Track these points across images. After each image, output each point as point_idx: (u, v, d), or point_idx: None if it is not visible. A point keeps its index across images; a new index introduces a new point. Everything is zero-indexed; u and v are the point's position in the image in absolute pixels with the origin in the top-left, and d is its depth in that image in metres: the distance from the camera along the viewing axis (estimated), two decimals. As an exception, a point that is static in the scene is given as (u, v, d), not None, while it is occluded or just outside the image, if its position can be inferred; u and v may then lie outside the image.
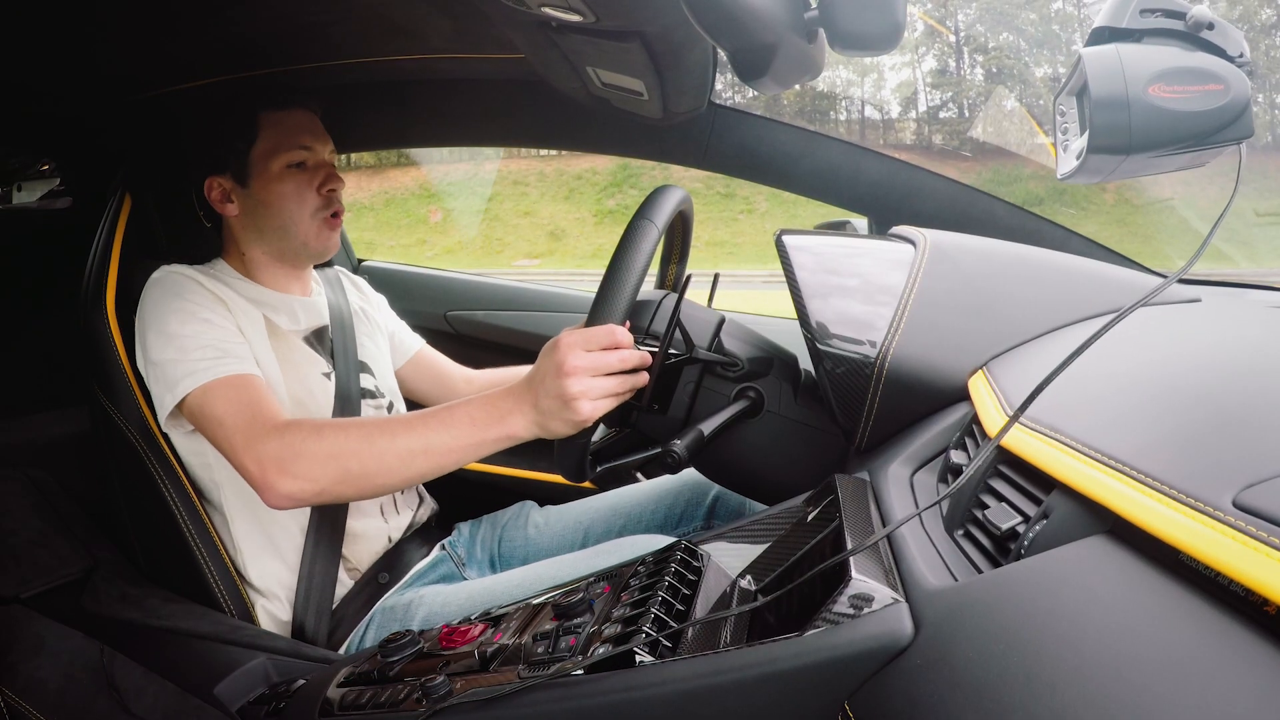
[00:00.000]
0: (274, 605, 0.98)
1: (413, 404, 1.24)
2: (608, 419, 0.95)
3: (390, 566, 1.04)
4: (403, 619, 0.95)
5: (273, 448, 0.82)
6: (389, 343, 1.24)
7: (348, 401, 1.04)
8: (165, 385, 0.90)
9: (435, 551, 1.09)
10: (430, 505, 1.17)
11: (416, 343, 1.30)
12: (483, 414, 0.81)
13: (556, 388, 0.77)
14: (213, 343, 0.90)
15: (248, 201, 1.02)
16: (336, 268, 1.25)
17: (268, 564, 0.98)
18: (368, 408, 1.08)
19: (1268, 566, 0.31)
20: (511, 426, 0.80)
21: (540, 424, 0.79)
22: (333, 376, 1.04)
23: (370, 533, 1.03)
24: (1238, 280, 0.93)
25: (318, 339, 1.07)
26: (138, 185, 1.06)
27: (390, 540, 1.05)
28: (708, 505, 1.10)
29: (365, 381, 1.10)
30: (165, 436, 1.00)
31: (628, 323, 0.80)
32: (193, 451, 0.98)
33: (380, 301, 1.28)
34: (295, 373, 1.00)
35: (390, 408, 1.15)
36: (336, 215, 1.05)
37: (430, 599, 0.97)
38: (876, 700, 0.45)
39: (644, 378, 0.81)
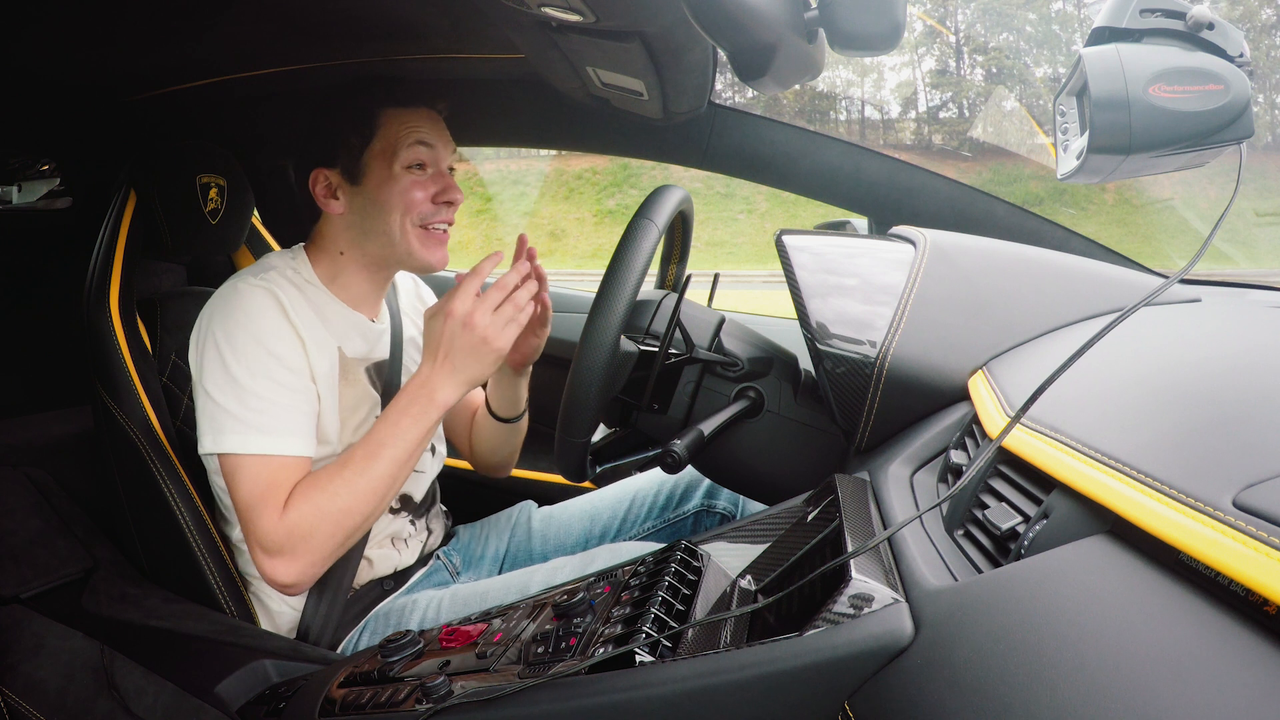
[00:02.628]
0: (275, 607, 0.98)
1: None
2: (608, 419, 0.95)
3: (395, 577, 1.04)
4: (398, 624, 0.96)
5: (280, 536, 0.84)
6: None
7: None
8: (211, 427, 0.87)
9: (431, 560, 1.09)
10: (443, 527, 1.16)
11: None
12: (415, 406, 0.87)
13: (465, 339, 0.86)
14: (271, 408, 0.86)
15: (356, 200, 0.96)
16: (411, 276, 1.18)
17: None
18: None
19: (1268, 566, 0.31)
20: (442, 396, 0.87)
21: (464, 378, 0.87)
22: (378, 411, 1.00)
23: (378, 561, 1.02)
24: (1238, 280, 0.93)
25: (377, 372, 1.02)
26: (142, 182, 1.06)
27: (396, 568, 1.04)
28: (708, 484, 1.10)
29: None
30: (168, 435, 1.00)
31: (498, 256, 0.92)
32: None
33: (429, 297, 1.21)
34: (351, 411, 0.97)
35: (433, 450, 1.11)
36: (446, 229, 0.99)
37: (424, 603, 0.97)
38: (877, 700, 0.45)
39: (529, 291, 0.89)
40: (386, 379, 1.03)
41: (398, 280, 1.13)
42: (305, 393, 0.90)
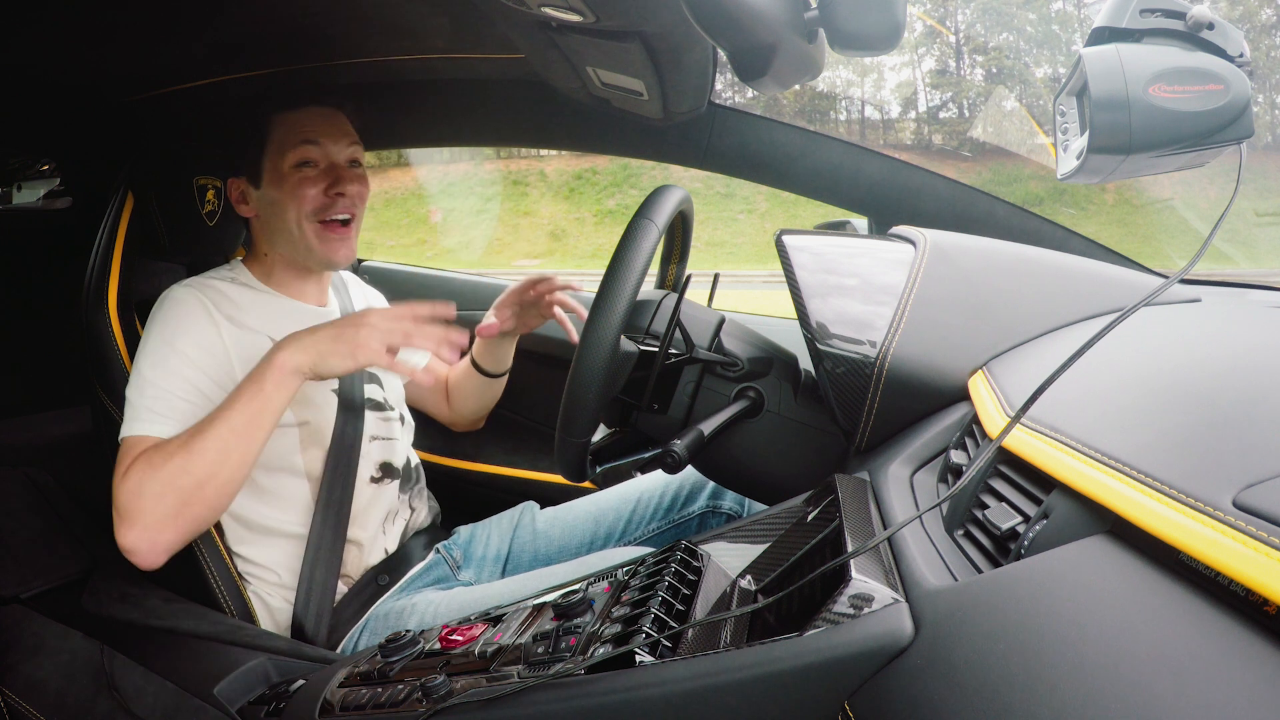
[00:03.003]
0: (275, 605, 0.98)
1: (414, 412, 1.23)
2: (608, 419, 0.95)
3: (390, 569, 1.04)
4: (396, 625, 0.96)
5: (121, 499, 0.83)
6: None
7: (350, 413, 1.03)
8: (123, 421, 0.90)
9: (431, 555, 1.09)
10: (429, 509, 1.17)
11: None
12: (257, 368, 0.86)
13: (345, 325, 0.86)
14: (162, 395, 0.89)
15: (261, 203, 1.02)
16: (342, 272, 1.23)
17: (269, 564, 0.98)
18: (374, 419, 1.06)
19: (1268, 566, 0.31)
20: (279, 355, 0.85)
21: (310, 349, 0.86)
22: (337, 388, 1.03)
23: (367, 543, 1.03)
24: (1238, 280, 0.93)
25: None
26: (140, 184, 1.06)
27: (386, 551, 1.05)
28: (713, 485, 1.11)
29: (372, 392, 1.08)
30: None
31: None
32: None
33: (378, 302, 1.26)
34: (303, 391, 0.98)
35: (403, 420, 1.14)
36: (345, 223, 1.02)
37: (423, 607, 0.97)
38: (877, 700, 0.45)
39: (431, 338, 0.88)
40: None
41: (346, 278, 1.21)
42: (203, 385, 0.91)
